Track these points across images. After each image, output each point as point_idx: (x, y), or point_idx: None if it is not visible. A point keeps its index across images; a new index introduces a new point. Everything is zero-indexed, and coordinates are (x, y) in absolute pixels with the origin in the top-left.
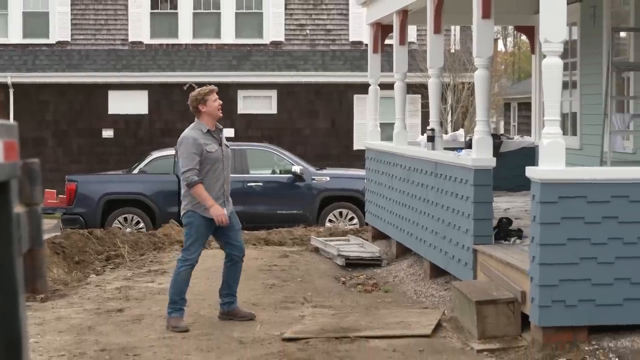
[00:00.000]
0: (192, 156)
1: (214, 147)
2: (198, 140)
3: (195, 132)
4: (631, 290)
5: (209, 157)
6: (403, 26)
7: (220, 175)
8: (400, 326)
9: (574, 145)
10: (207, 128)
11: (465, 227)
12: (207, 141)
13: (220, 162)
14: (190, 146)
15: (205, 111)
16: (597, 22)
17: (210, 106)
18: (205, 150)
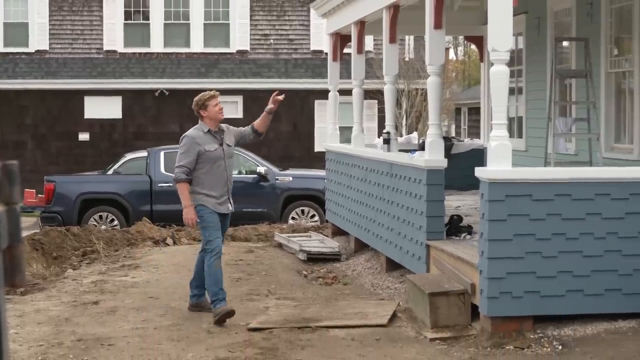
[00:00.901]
0: (186, 154)
1: (213, 146)
2: (196, 140)
3: (196, 132)
4: (573, 282)
5: (208, 156)
6: (360, 36)
7: (223, 173)
8: (358, 316)
9: (520, 147)
10: (207, 128)
11: (418, 224)
12: (206, 141)
13: (222, 161)
14: (186, 145)
15: (206, 115)
16: (541, 33)
17: (210, 111)
18: (204, 149)
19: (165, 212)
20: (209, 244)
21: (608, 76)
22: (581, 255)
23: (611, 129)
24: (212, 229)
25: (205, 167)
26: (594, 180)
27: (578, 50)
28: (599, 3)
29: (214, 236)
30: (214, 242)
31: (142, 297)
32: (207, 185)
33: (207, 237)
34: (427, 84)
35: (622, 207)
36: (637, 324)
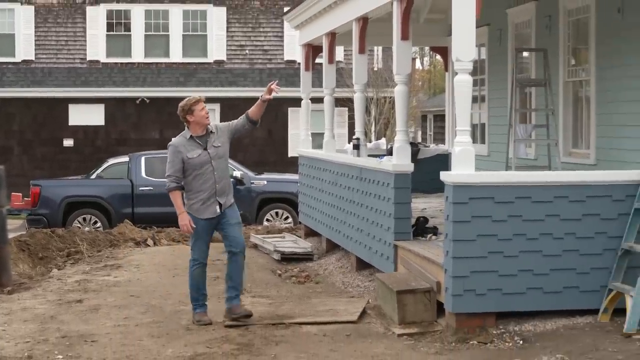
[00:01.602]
0: (172, 164)
1: (196, 152)
2: (178, 148)
3: (179, 139)
4: (533, 280)
5: (191, 163)
6: (331, 47)
7: (210, 176)
8: (329, 313)
9: (483, 152)
10: (189, 134)
11: (387, 225)
12: (189, 147)
13: (208, 164)
14: (171, 154)
15: (193, 120)
16: (502, 44)
17: (197, 115)
18: (186, 157)
19: (146, 215)
20: (192, 254)
21: (566, 85)
22: (541, 255)
23: (569, 135)
24: (198, 241)
25: (192, 173)
26: (553, 183)
27: (537, 61)
28: (557, 16)
29: (197, 246)
30: (196, 251)
31: (124, 295)
32: (196, 188)
33: (191, 248)
34: (394, 93)
35: (579, 209)
36: (593, 319)
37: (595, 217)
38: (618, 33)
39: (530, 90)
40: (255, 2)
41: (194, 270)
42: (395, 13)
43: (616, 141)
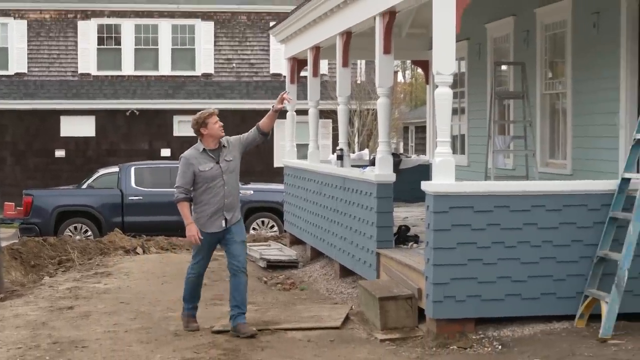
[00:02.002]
0: (183, 175)
1: (208, 165)
2: (190, 160)
3: (192, 151)
4: (512, 287)
5: (203, 176)
6: (316, 60)
7: (220, 190)
8: (314, 319)
9: (463, 162)
10: (202, 147)
11: (369, 234)
12: (201, 160)
13: (219, 178)
14: (182, 165)
15: (206, 133)
16: (482, 57)
17: (211, 128)
18: (198, 170)
19: (136, 223)
20: (192, 263)
21: (543, 97)
22: (519, 262)
23: (546, 146)
24: (199, 254)
25: (202, 186)
26: (531, 193)
27: (515, 74)
28: (535, 30)
29: (196, 261)
30: (195, 264)
31: (114, 302)
32: (203, 202)
33: (193, 257)
34: (377, 105)
35: (556, 218)
36: (570, 325)
37: (571, 226)
38: (593, 47)
39: (509, 102)
40: (242, 17)
41: (189, 278)
42: (377, 28)
43: (592, 152)
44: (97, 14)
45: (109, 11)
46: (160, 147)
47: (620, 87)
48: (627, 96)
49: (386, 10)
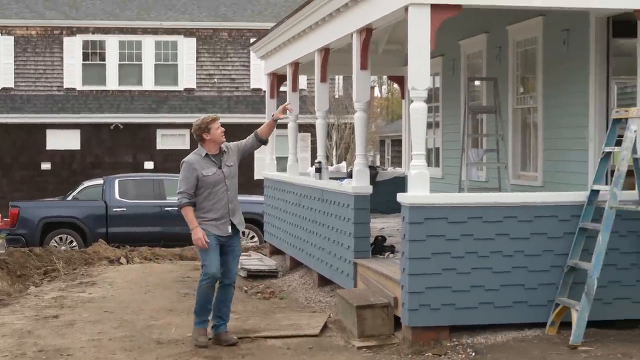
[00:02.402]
0: (186, 180)
1: (211, 170)
2: (193, 165)
3: (194, 156)
4: (485, 295)
5: (207, 180)
6: (295, 76)
7: (224, 195)
8: (293, 327)
9: (437, 175)
10: (205, 152)
11: (347, 244)
12: (204, 165)
13: (222, 183)
14: (185, 170)
15: (209, 139)
16: (455, 73)
17: (214, 134)
18: (201, 174)
19: (120, 234)
20: (204, 267)
21: (515, 112)
22: (491, 271)
23: (518, 158)
24: (209, 255)
25: (205, 191)
26: (503, 204)
27: (488, 89)
28: (507, 47)
29: (209, 260)
30: (208, 266)
31: (98, 311)
32: (207, 208)
33: (202, 261)
34: (354, 119)
35: (528, 228)
36: (541, 332)
37: (542, 236)
38: (563, 63)
39: (482, 116)
40: (224, 34)
41: (203, 286)
42: (355, 44)
43: (562, 164)
44: (82, 30)
45: (94, 28)
46: (144, 160)
47: (589, 101)
48: (595, 110)
49: (363, 27)
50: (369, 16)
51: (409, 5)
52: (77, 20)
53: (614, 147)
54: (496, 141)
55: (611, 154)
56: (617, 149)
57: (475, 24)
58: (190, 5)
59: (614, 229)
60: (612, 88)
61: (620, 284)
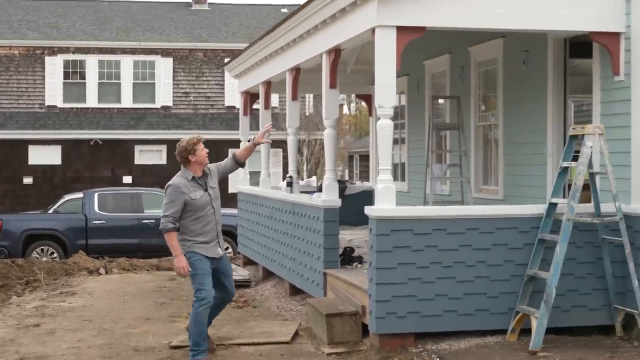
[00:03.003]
0: (172, 204)
1: (199, 193)
2: (182, 189)
3: (181, 179)
4: (448, 304)
5: (195, 204)
6: (267, 94)
7: (212, 218)
8: (265, 335)
9: (403, 188)
10: (192, 175)
11: (317, 255)
12: (192, 189)
13: (209, 206)
14: (171, 194)
15: (194, 160)
16: (420, 91)
17: (199, 155)
18: (190, 198)
19: (99, 246)
20: (199, 292)
21: (477, 128)
22: (455, 281)
23: (479, 173)
24: (203, 276)
25: (194, 215)
26: (465, 216)
27: (451, 107)
28: (469, 67)
29: (205, 284)
30: (204, 290)
31: (78, 320)
32: (196, 231)
33: (196, 286)
34: (324, 135)
35: (489, 240)
36: (502, 338)
37: (503, 247)
38: (522, 83)
39: (445, 133)
40: (199, 54)
41: (202, 311)
42: (324, 64)
43: (522, 179)
44: (63, 50)
45: (75, 48)
46: (122, 175)
47: (547, 119)
48: (553, 127)
49: (332, 48)
50: (338, 37)
51: (375, 28)
52: (58, 41)
53: (571, 162)
54: (459, 156)
55: (568, 169)
56: (574, 164)
57: (438, 45)
58: (167, 26)
59: (571, 240)
60: (569, 106)
61: (577, 292)
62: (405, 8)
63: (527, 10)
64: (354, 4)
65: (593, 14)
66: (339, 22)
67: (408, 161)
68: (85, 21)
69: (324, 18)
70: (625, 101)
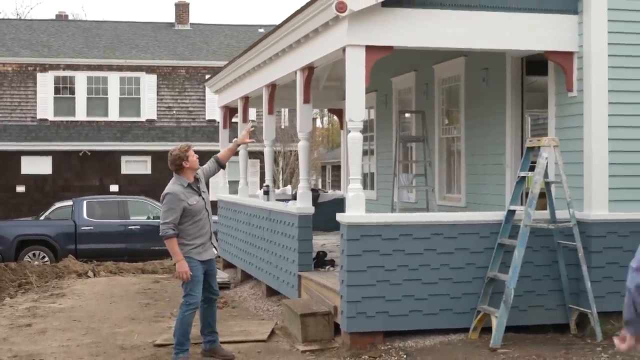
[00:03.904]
0: (171, 211)
1: (195, 199)
2: (179, 196)
3: (177, 187)
4: (414, 304)
5: (192, 210)
6: (245, 108)
7: (206, 222)
8: (243, 334)
9: (372, 197)
10: (187, 182)
11: (292, 258)
12: (188, 195)
13: (204, 210)
14: (170, 202)
15: (188, 167)
16: (388, 106)
17: (191, 161)
18: (188, 204)
19: (87, 250)
20: (189, 297)
21: (441, 141)
22: (421, 283)
23: (443, 182)
24: (194, 283)
25: (190, 220)
26: (430, 223)
27: (417, 121)
28: (433, 84)
29: (195, 291)
30: (194, 296)
31: (68, 320)
32: (193, 235)
33: (188, 290)
34: (298, 147)
35: (453, 244)
36: (465, 336)
37: (465, 251)
38: (483, 98)
39: (411, 145)
40: (181, 71)
41: (188, 315)
42: (298, 81)
43: (482, 187)
44: (54, 67)
45: (65, 65)
46: (110, 184)
47: (506, 132)
48: (511, 140)
49: (305, 65)
50: (311, 56)
51: (346, 47)
52: (49, 58)
53: (528, 172)
54: (424, 167)
55: (525, 178)
56: (530, 173)
57: (405, 64)
58: (151, 45)
59: (529, 244)
60: (526, 120)
61: (535, 293)
62: (373, 29)
63: (486, 31)
64: (326, 25)
65: (548, 34)
66: (312, 41)
67: (377, 171)
68: (74, 40)
69: (298, 38)
70: (578, 115)
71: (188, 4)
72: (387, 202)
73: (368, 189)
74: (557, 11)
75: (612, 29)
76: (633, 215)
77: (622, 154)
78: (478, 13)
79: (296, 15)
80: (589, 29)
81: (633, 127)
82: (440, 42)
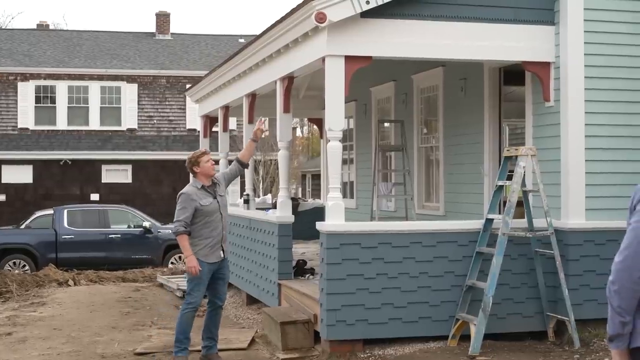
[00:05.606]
0: (183, 210)
1: (208, 200)
2: (192, 197)
3: (191, 188)
4: (394, 312)
5: (204, 210)
6: (226, 118)
7: (219, 223)
8: (224, 342)
9: (352, 205)
10: (201, 184)
11: (272, 267)
12: (201, 196)
13: (217, 212)
14: (183, 201)
15: (199, 171)
16: (367, 116)
17: (203, 167)
18: (200, 204)
19: (68, 259)
20: (190, 296)
21: (419, 150)
22: (400, 291)
23: (422, 191)
24: (198, 285)
25: (202, 220)
26: (409, 231)
27: (396, 130)
28: (412, 93)
29: (197, 291)
30: (194, 295)
31: (48, 328)
32: (204, 235)
33: (189, 289)
34: (278, 156)
35: (431, 252)
36: (444, 344)
37: (444, 259)
38: (461, 108)
39: (391, 154)
40: (162, 80)
41: (187, 313)
42: (278, 90)
43: (461, 196)
44: (35, 76)
45: (46, 74)
46: (90, 192)
47: (484, 141)
48: (489, 149)
49: (285, 75)
50: (291, 65)
51: (325, 57)
52: (30, 67)
53: (506, 181)
54: (403, 176)
55: (503, 187)
56: (508, 182)
57: (384, 73)
58: (132, 55)
59: (507, 252)
60: (503, 129)
61: (513, 301)
62: (353, 39)
63: (464, 42)
64: (305, 35)
65: (525, 45)
66: (292, 51)
67: (356, 180)
68: (55, 49)
69: (278, 48)
70: (555, 125)
71: (169, 14)
72: (366, 211)
73: (348, 198)
74: (534, 22)
75: (588, 40)
76: (610, 224)
77: (599, 163)
78: (456, 24)
79: (276, 25)
80: (566, 39)
81: (609, 137)
82: (419, 53)
